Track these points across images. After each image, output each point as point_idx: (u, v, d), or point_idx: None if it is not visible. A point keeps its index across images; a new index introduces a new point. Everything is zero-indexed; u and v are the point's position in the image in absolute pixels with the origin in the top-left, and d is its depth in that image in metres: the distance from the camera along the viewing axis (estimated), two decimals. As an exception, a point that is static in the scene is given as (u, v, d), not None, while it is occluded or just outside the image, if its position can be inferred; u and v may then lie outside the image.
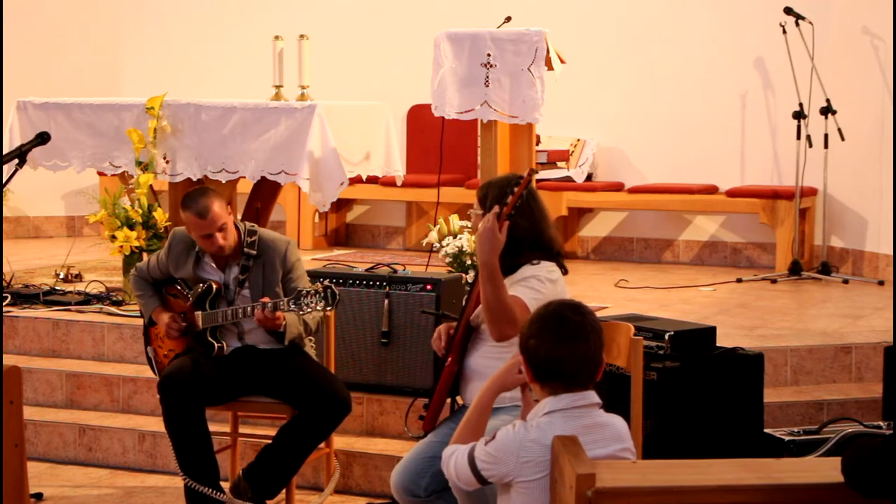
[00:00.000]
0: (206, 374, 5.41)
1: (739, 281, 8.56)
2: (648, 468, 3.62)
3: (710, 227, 9.59)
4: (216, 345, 5.49)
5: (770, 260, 9.18)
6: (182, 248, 5.57)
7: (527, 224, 4.60)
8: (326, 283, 5.33)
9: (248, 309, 5.37)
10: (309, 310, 5.28)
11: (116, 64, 10.91)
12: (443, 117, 7.13)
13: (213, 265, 5.55)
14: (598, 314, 4.89)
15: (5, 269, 7.82)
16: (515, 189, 4.44)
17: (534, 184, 4.66)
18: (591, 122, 9.74)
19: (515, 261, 4.55)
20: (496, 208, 4.44)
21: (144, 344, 5.73)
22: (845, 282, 8.48)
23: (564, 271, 4.69)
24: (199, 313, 5.49)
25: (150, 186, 7.34)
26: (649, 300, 7.74)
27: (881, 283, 8.39)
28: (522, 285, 4.50)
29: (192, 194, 5.48)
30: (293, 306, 5.27)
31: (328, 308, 5.31)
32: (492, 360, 4.51)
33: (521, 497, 3.62)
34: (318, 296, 5.25)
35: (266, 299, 5.35)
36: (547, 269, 4.60)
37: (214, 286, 5.48)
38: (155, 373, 5.70)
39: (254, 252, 5.51)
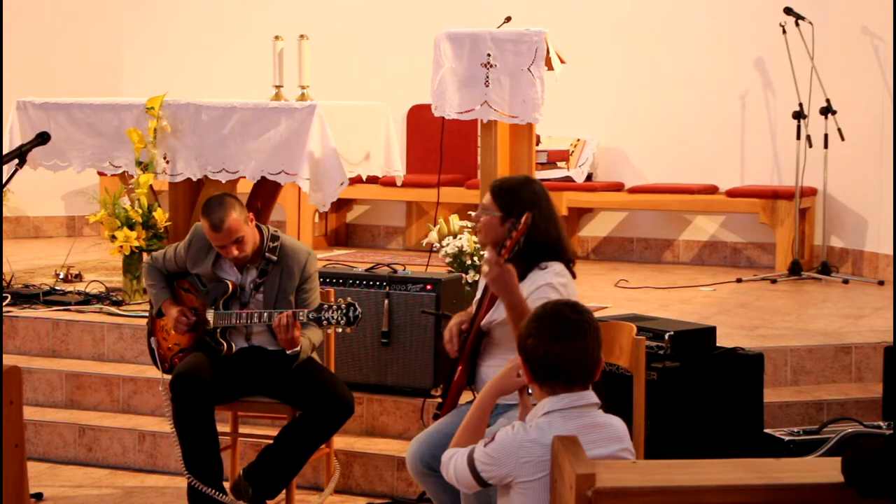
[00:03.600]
0: (218, 373, 5.40)
1: (739, 281, 8.56)
2: (648, 468, 3.62)
3: (710, 227, 9.59)
4: (225, 345, 5.47)
5: (770, 260, 9.18)
6: (202, 245, 5.52)
7: (542, 227, 4.56)
8: (349, 300, 5.30)
9: (265, 315, 5.35)
10: (328, 325, 5.27)
11: (116, 64, 10.91)
12: (443, 117, 7.12)
13: (233, 265, 5.53)
14: (599, 314, 4.90)
15: (5, 269, 7.81)
16: (513, 234, 4.39)
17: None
18: (591, 122, 9.74)
19: (527, 266, 4.53)
20: (491, 253, 4.41)
21: (148, 334, 5.69)
22: (845, 282, 8.48)
23: (573, 275, 4.66)
24: (211, 312, 5.45)
25: (150, 186, 7.34)
26: (649, 300, 7.73)
27: (881, 283, 8.39)
28: (538, 298, 4.42)
29: (211, 202, 5.42)
30: (312, 319, 5.27)
31: (348, 327, 5.29)
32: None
33: (521, 497, 3.62)
34: (339, 311, 5.23)
35: (289, 313, 5.31)
36: (555, 271, 4.57)
37: (231, 286, 5.46)
38: (156, 364, 5.67)
39: (274, 258, 5.47)
